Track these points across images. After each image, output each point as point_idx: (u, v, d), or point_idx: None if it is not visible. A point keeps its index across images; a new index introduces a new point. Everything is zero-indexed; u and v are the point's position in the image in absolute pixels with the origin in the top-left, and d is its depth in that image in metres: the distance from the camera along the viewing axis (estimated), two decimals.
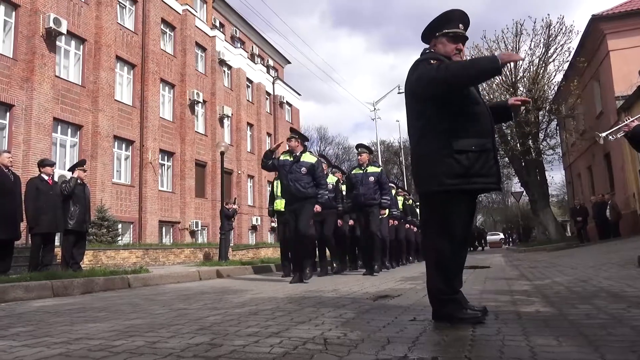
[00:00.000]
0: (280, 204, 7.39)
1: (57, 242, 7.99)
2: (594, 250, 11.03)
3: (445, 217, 2.40)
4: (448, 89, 2.36)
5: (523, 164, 19.61)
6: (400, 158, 38.07)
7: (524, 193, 22.38)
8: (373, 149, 16.41)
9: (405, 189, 13.58)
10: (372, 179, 7.19)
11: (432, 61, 2.41)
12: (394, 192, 9.41)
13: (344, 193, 7.79)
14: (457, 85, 2.36)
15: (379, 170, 7.46)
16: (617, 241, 13.24)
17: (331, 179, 7.65)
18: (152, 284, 6.18)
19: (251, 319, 2.74)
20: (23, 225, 7.10)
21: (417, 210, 11.23)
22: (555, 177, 38.05)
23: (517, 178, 22.44)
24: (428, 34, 2.63)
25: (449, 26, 2.54)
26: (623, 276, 4.53)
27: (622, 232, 15.48)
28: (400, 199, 10.29)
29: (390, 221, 8.63)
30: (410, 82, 2.51)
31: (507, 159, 19.84)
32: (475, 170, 2.35)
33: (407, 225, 10.82)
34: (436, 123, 2.42)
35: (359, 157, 7.49)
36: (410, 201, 11.80)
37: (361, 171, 7.30)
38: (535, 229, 29.91)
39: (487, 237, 38.48)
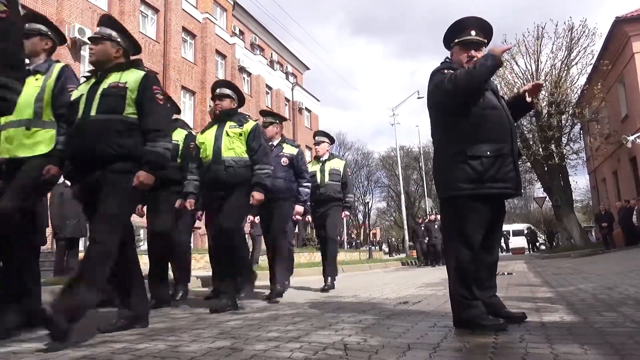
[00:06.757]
0: None
1: (81, 247, 8.16)
2: (620, 256, 10.75)
3: (461, 222, 2.44)
4: (462, 97, 2.42)
5: (546, 169, 19.24)
6: (420, 163, 37.77)
7: (547, 198, 21.95)
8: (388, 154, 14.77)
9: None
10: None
11: (444, 71, 2.48)
12: None
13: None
14: (468, 90, 2.40)
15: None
16: None
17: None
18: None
19: (271, 324, 2.75)
20: (48, 230, 7.27)
21: None
22: (580, 182, 37.02)
23: (539, 183, 22.01)
24: (446, 45, 2.70)
25: (460, 35, 2.60)
26: None
27: None
28: None
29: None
30: (428, 93, 2.58)
31: (529, 164, 19.50)
32: (490, 175, 2.38)
33: None
34: (451, 131, 2.49)
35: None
36: None
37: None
38: (559, 235, 29.29)
39: (511, 239, 36.75)
